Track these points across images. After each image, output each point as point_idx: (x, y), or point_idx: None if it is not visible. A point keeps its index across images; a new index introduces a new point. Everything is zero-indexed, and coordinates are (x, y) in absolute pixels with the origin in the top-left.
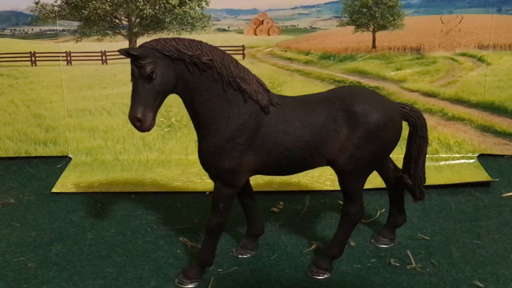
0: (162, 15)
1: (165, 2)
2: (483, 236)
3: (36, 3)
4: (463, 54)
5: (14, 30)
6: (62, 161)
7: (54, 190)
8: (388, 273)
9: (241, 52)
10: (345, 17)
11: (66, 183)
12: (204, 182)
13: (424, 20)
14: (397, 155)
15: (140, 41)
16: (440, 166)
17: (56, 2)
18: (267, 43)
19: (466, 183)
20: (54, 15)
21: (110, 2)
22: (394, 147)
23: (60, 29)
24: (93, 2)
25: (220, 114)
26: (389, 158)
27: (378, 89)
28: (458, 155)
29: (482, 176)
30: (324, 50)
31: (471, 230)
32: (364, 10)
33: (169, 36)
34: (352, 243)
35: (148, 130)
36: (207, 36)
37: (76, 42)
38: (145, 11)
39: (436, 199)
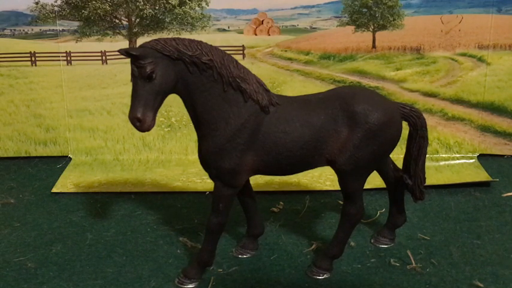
0: (162, 15)
1: (165, 2)
2: (483, 236)
3: (36, 3)
4: (463, 54)
5: (14, 30)
6: (62, 161)
7: (54, 190)
8: (388, 273)
9: (241, 52)
10: (345, 17)
11: (66, 183)
12: (204, 182)
13: (424, 20)
14: (397, 155)
15: (140, 41)
16: (440, 166)
17: (56, 2)
18: (267, 43)
19: (466, 183)
20: (54, 15)
21: (110, 2)
22: (394, 147)
23: (60, 29)
24: (93, 2)
25: (220, 114)
26: (390, 158)
27: (378, 89)
28: (458, 155)
29: (482, 176)
30: (324, 50)
31: (471, 230)
32: (364, 10)
33: (169, 36)
34: (352, 243)
35: (148, 130)
36: (207, 36)
37: (76, 42)
38: (145, 11)
39: (436, 199)
